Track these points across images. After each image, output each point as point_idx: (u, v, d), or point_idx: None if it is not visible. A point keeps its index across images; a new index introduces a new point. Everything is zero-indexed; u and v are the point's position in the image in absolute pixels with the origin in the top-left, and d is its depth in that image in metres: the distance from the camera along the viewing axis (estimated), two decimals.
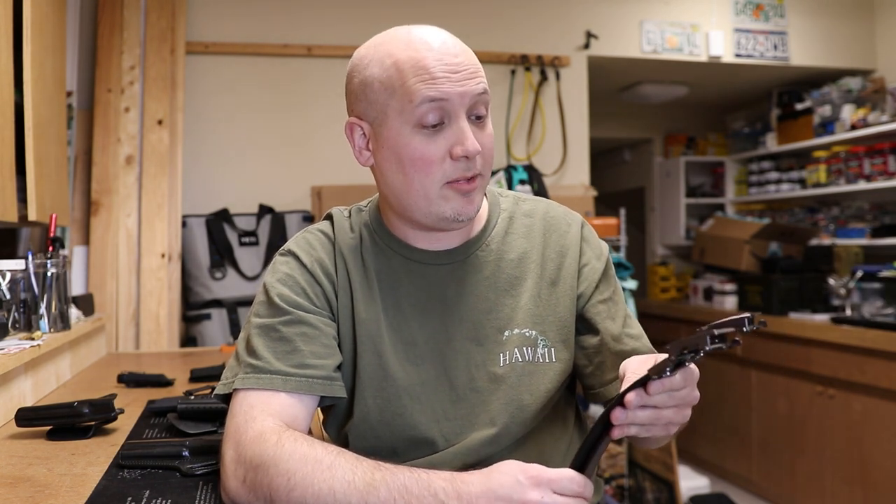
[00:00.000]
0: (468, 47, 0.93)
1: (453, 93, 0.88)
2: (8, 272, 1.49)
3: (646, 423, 0.75)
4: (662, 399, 0.74)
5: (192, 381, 1.61)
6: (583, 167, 3.38)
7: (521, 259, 1.01)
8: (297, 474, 0.79)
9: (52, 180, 1.93)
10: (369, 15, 3.09)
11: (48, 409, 1.17)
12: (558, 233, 1.03)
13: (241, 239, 2.79)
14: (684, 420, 0.79)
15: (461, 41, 0.92)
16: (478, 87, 0.90)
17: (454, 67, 0.88)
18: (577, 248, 1.03)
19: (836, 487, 3.02)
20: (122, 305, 2.56)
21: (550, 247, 1.02)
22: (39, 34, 1.79)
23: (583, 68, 3.41)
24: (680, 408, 0.77)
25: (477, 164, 0.91)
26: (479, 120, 0.92)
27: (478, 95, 0.90)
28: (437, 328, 0.97)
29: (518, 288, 0.99)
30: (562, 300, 1.00)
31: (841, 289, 3.28)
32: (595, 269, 1.03)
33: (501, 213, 1.04)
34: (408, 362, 0.96)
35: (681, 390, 0.75)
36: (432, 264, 0.99)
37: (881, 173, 3.51)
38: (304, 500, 0.78)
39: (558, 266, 1.02)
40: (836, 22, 3.86)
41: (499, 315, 0.98)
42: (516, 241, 1.02)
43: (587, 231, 1.06)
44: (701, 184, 4.87)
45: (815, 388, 3.11)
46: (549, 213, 1.06)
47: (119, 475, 0.94)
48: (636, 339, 1.02)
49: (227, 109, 3.01)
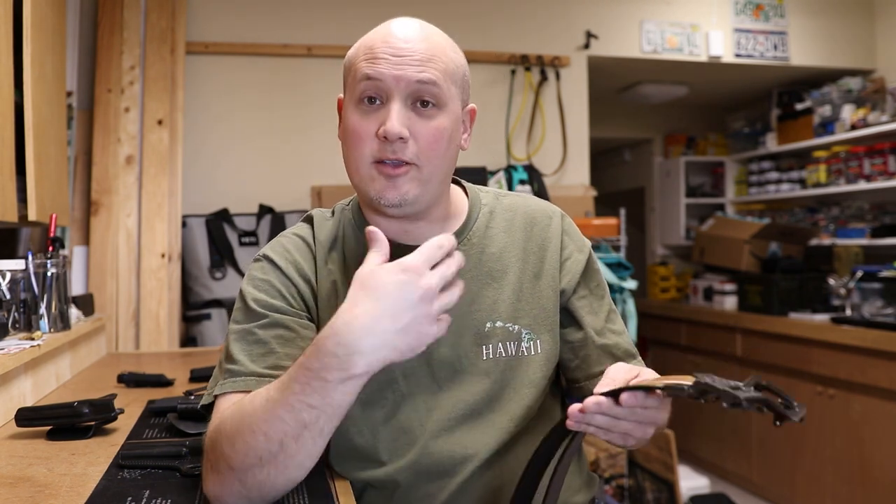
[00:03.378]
0: (442, 42, 0.93)
1: (388, 74, 0.89)
2: (8, 272, 1.49)
3: (603, 427, 0.77)
4: (624, 413, 0.76)
5: (192, 381, 1.61)
6: (583, 167, 3.38)
7: (502, 253, 1.02)
8: (235, 432, 0.80)
9: (52, 180, 1.93)
10: (369, 15, 3.09)
11: (48, 409, 1.17)
12: (539, 226, 1.04)
13: (241, 239, 2.79)
14: (644, 436, 0.80)
15: (437, 36, 0.93)
16: (418, 75, 0.89)
17: (397, 51, 0.89)
18: (559, 241, 1.04)
19: (836, 487, 3.02)
20: (122, 305, 2.56)
21: (532, 240, 1.03)
22: (39, 34, 1.79)
23: (583, 68, 3.41)
24: (643, 425, 0.78)
25: (405, 152, 0.90)
26: (423, 108, 0.90)
27: (417, 83, 0.89)
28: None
29: (500, 281, 1.00)
30: (545, 292, 1.01)
31: (841, 289, 3.28)
32: (578, 262, 1.04)
33: (482, 207, 1.05)
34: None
35: (649, 410, 0.77)
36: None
37: (881, 173, 3.51)
38: (247, 449, 0.79)
39: (540, 259, 1.03)
40: (836, 22, 3.86)
41: (481, 307, 0.99)
42: (497, 235, 1.03)
43: (568, 224, 1.07)
44: (701, 184, 4.87)
45: (815, 388, 3.11)
46: (530, 207, 1.07)
47: (119, 475, 0.94)
48: (618, 335, 1.04)
49: (227, 109, 3.01)
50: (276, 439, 0.77)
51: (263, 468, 0.79)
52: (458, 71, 0.94)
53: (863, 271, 3.27)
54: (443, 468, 0.95)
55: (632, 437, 0.79)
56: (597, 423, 0.76)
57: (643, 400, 0.75)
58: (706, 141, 4.88)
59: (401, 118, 0.89)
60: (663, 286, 4.49)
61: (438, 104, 0.91)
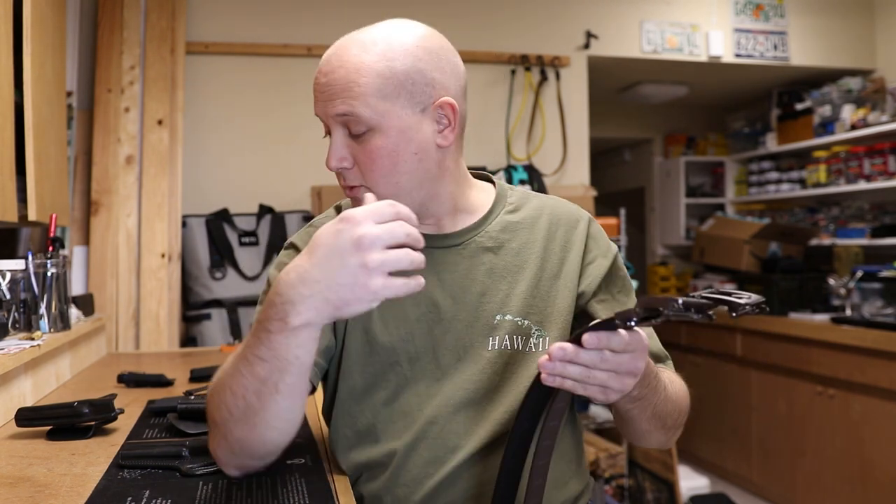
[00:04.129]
0: (362, 60, 0.90)
1: (321, 112, 0.94)
2: (8, 272, 1.49)
3: (578, 379, 0.76)
4: (592, 359, 0.75)
5: (192, 381, 1.61)
6: (583, 167, 3.38)
7: (521, 249, 1.02)
8: (213, 390, 0.87)
9: (52, 180, 1.93)
10: (369, 15, 3.09)
11: (48, 409, 1.17)
12: (565, 228, 1.05)
13: (241, 239, 2.79)
14: (623, 388, 0.79)
15: (358, 55, 0.90)
16: (336, 109, 0.90)
17: (321, 87, 0.92)
18: (582, 244, 1.04)
19: (836, 487, 3.02)
20: (122, 305, 2.56)
21: (555, 241, 1.04)
22: (39, 34, 1.79)
23: (583, 68, 3.41)
24: (618, 375, 0.77)
25: (352, 178, 0.94)
26: (358, 135, 0.92)
27: (337, 116, 0.91)
28: (429, 307, 0.99)
29: (516, 276, 1.01)
30: (562, 292, 1.01)
31: (841, 289, 3.28)
32: (600, 266, 1.04)
33: (507, 205, 1.06)
34: (397, 338, 0.98)
35: (620, 355, 0.76)
36: (428, 247, 0.99)
37: (881, 173, 3.51)
38: (219, 403, 0.84)
39: (561, 260, 1.03)
40: (836, 22, 3.86)
41: (492, 299, 0.99)
42: (519, 231, 1.04)
43: (595, 228, 1.07)
44: (701, 184, 4.87)
45: (815, 388, 3.11)
46: (558, 209, 1.07)
47: (119, 475, 0.94)
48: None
49: (227, 109, 3.01)
50: (240, 394, 0.80)
51: (237, 425, 0.82)
52: (390, 81, 0.90)
53: (863, 271, 3.27)
54: (435, 455, 0.96)
55: (612, 391, 0.78)
56: (569, 374, 0.76)
57: (607, 340, 0.74)
58: (706, 141, 4.89)
59: (336, 151, 0.93)
60: (663, 286, 4.49)
61: (370, 128, 0.90)
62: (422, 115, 0.93)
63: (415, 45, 0.92)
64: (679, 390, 0.99)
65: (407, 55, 0.91)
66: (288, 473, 0.95)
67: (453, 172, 1.00)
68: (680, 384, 1.00)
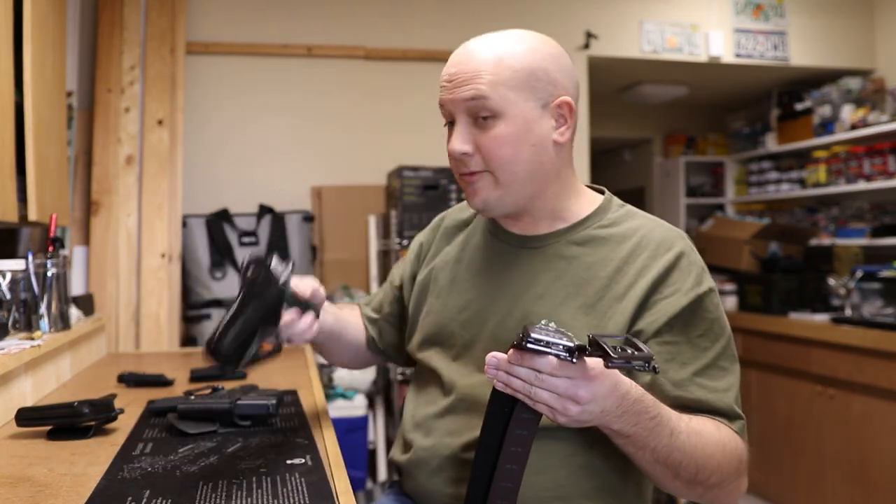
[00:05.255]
0: (494, 53, 0.98)
1: (446, 99, 1.01)
2: (8, 272, 1.49)
3: (520, 390, 0.80)
4: (526, 374, 0.78)
5: (192, 381, 1.61)
6: (583, 167, 3.38)
7: (595, 264, 1.02)
8: None
9: (52, 180, 1.93)
10: (369, 15, 3.09)
11: (48, 409, 1.17)
12: (650, 252, 1.00)
13: (241, 239, 2.79)
14: (567, 412, 0.80)
15: (488, 50, 0.98)
16: (464, 94, 0.98)
17: (450, 77, 1.00)
18: (660, 274, 0.98)
19: (836, 487, 3.02)
20: (122, 305, 2.56)
21: (634, 264, 1.00)
22: (39, 34, 1.79)
23: (583, 68, 3.41)
24: (559, 398, 0.79)
25: (472, 164, 1.01)
26: (484, 121, 0.99)
27: (465, 101, 0.98)
28: (489, 294, 1.07)
29: (579, 289, 1.01)
30: (616, 318, 0.97)
31: (841, 289, 3.28)
32: (674, 304, 0.97)
33: (605, 219, 1.06)
34: (456, 314, 1.09)
35: (555, 378, 0.78)
36: (510, 245, 1.09)
37: (881, 173, 3.51)
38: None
39: (631, 284, 0.99)
40: (836, 22, 3.86)
41: (546, 304, 1.01)
42: (602, 247, 1.03)
43: (686, 261, 1.00)
44: (701, 184, 4.87)
45: (815, 388, 3.11)
46: (653, 232, 1.03)
47: (119, 475, 0.94)
48: (710, 391, 0.96)
49: (227, 109, 3.01)
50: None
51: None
52: (517, 75, 0.97)
53: (863, 271, 3.27)
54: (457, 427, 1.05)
55: (558, 413, 0.80)
56: (510, 382, 0.80)
57: (530, 360, 0.77)
58: (706, 141, 4.89)
59: (461, 136, 1.00)
60: None
61: (495, 114, 0.98)
62: (542, 110, 1.00)
63: (540, 46, 1.00)
64: (706, 444, 0.91)
65: (534, 53, 0.99)
66: (288, 473, 0.95)
67: (561, 174, 1.05)
68: (714, 440, 0.92)
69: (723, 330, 0.99)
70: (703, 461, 0.91)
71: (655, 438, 0.87)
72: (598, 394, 0.80)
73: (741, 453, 0.96)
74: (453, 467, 1.04)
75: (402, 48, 3.07)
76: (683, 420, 0.91)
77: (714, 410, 0.96)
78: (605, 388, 0.80)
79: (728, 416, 0.97)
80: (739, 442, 0.96)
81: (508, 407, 0.84)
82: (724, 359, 0.99)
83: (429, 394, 1.12)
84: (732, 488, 0.96)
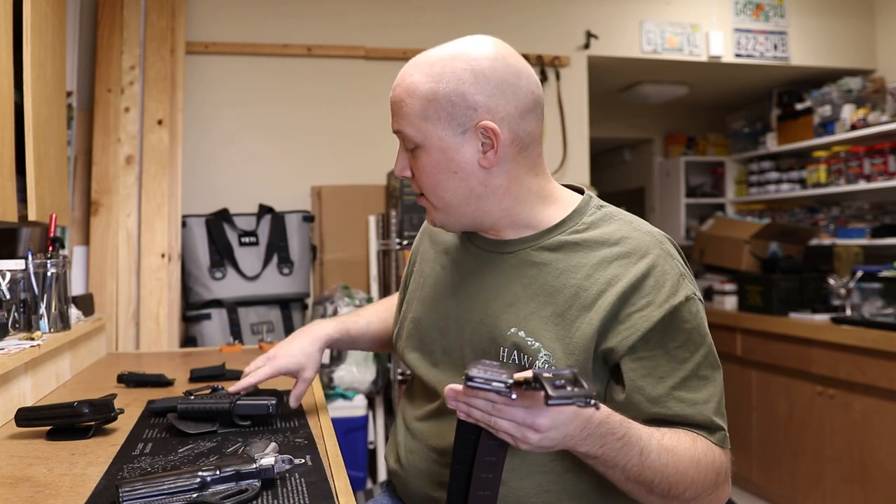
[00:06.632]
0: (414, 80, 0.97)
1: (393, 126, 1.03)
2: (8, 272, 1.49)
3: (480, 419, 0.81)
4: (483, 405, 0.80)
5: (192, 381, 1.61)
6: (583, 167, 3.38)
7: (564, 271, 0.98)
8: None
9: (52, 180, 1.93)
10: (369, 15, 3.09)
11: (48, 409, 1.17)
12: (623, 260, 0.96)
13: (241, 239, 2.78)
14: (527, 440, 0.80)
15: (413, 75, 0.98)
16: (393, 125, 1.01)
17: (390, 102, 1.02)
18: (630, 284, 0.94)
19: (836, 487, 3.02)
20: (122, 305, 2.56)
21: (605, 271, 0.96)
22: (39, 34, 1.79)
23: (583, 68, 3.41)
24: (518, 426, 0.79)
25: (413, 185, 1.04)
26: (411, 151, 1.01)
27: (396, 132, 1.01)
28: (465, 301, 1.07)
29: (549, 297, 0.98)
30: (584, 327, 0.94)
31: (841, 289, 3.28)
32: (647, 318, 0.93)
33: (579, 224, 1.02)
34: (437, 321, 1.10)
35: (511, 408, 0.78)
36: (482, 249, 1.09)
37: (881, 173, 3.51)
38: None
39: (600, 293, 0.95)
40: (836, 22, 3.86)
41: (516, 312, 0.99)
42: (573, 253, 0.99)
43: (660, 270, 0.95)
44: (701, 184, 4.87)
45: (815, 388, 3.11)
46: (629, 237, 0.98)
47: (119, 475, 0.94)
48: (688, 405, 0.93)
49: (227, 109, 3.01)
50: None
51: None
52: (432, 104, 0.96)
53: (863, 271, 3.27)
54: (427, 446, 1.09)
55: (519, 441, 0.80)
56: (470, 412, 0.81)
57: (483, 393, 0.77)
58: (706, 141, 4.88)
59: (400, 162, 1.04)
60: None
61: (416, 145, 0.99)
62: (462, 136, 0.97)
63: (464, 69, 0.95)
64: (678, 461, 0.89)
65: (452, 78, 0.95)
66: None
67: (509, 189, 1.00)
68: (688, 456, 0.90)
69: (703, 339, 0.96)
70: (675, 478, 0.89)
71: (625, 458, 0.86)
72: (558, 421, 0.80)
73: (719, 465, 0.94)
74: (439, 471, 1.05)
75: (402, 48, 3.07)
76: (655, 437, 0.88)
77: (693, 425, 0.94)
78: (565, 416, 0.80)
79: (708, 429, 0.95)
80: (717, 454, 0.94)
81: (475, 434, 0.84)
82: (705, 367, 0.96)
83: (417, 397, 1.15)
84: (712, 498, 0.95)
